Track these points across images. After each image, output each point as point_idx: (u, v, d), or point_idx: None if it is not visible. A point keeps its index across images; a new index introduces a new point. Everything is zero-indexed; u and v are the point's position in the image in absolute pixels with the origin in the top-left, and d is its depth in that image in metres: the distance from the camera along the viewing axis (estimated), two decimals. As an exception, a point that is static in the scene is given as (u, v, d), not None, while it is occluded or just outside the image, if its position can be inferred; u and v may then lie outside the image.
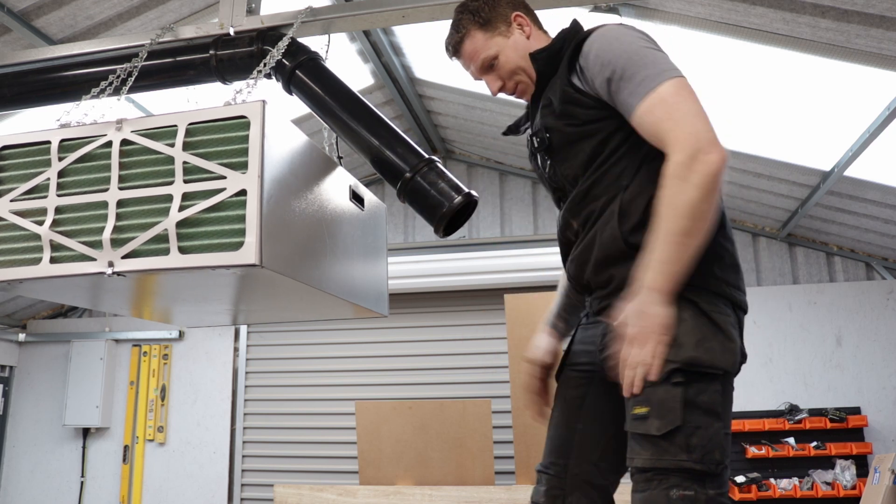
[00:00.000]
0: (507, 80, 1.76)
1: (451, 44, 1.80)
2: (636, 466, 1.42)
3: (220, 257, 1.49)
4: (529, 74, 1.73)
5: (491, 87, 1.78)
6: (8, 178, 1.72)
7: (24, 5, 3.24)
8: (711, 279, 1.54)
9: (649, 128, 1.50)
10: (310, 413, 5.86)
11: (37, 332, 6.47)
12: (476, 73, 1.79)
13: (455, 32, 1.78)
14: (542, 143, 1.67)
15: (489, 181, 6.05)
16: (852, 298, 5.19)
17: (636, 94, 1.50)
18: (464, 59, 1.79)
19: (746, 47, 3.29)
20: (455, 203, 1.94)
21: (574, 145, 1.62)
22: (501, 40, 1.73)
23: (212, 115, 1.59)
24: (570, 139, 1.61)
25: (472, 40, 1.75)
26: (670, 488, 1.36)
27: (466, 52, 1.77)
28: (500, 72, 1.75)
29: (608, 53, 1.54)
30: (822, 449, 4.85)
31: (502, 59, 1.73)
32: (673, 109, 1.48)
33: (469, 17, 1.76)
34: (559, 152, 1.65)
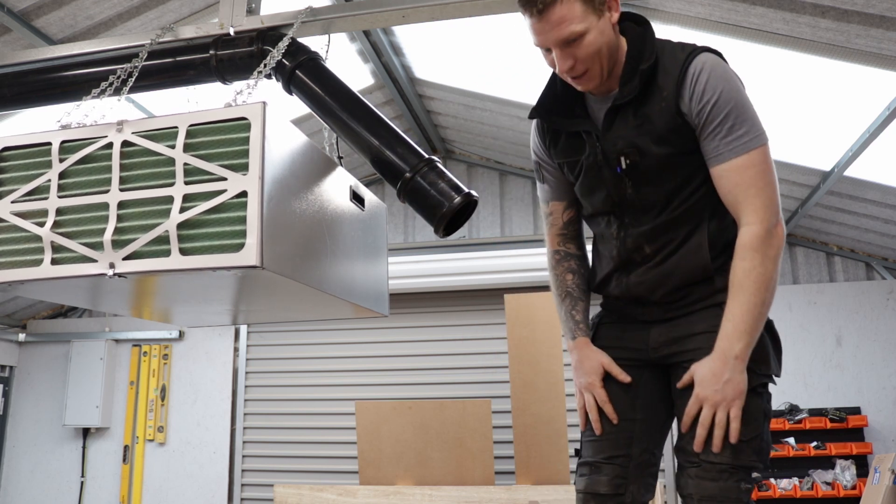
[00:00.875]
0: (581, 62, 1.58)
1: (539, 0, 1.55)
2: (712, 462, 1.56)
3: (220, 259, 1.49)
4: (603, 64, 1.60)
5: (561, 64, 1.59)
6: (9, 180, 1.72)
7: (24, 5, 3.24)
8: None
9: (732, 186, 1.56)
10: (310, 413, 5.86)
11: (37, 332, 6.47)
12: (552, 42, 1.57)
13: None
14: (632, 163, 1.64)
15: (489, 181, 6.05)
16: (852, 298, 5.19)
17: (733, 149, 1.54)
18: (546, 22, 1.54)
19: (746, 47, 3.29)
20: (455, 203, 1.94)
21: (664, 172, 1.63)
22: (594, 19, 1.56)
23: (212, 116, 1.59)
24: (664, 166, 1.62)
25: (569, 6, 1.53)
26: (740, 482, 1.56)
27: (555, 16, 1.53)
28: (580, 52, 1.57)
29: (722, 94, 1.54)
30: (822, 449, 4.85)
31: (588, 40, 1.56)
32: (760, 177, 1.54)
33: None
34: (646, 175, 1.65)
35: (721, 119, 1.54)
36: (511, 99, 4.68)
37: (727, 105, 1.53)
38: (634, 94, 1.61)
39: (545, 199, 1.91)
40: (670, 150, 1.60)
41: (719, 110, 1.53)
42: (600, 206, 1.75)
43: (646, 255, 1.70)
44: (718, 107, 1.53)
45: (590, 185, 1.74)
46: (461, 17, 2.22)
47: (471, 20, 2.47)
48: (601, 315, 1.90)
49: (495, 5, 2.14)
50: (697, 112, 1.56)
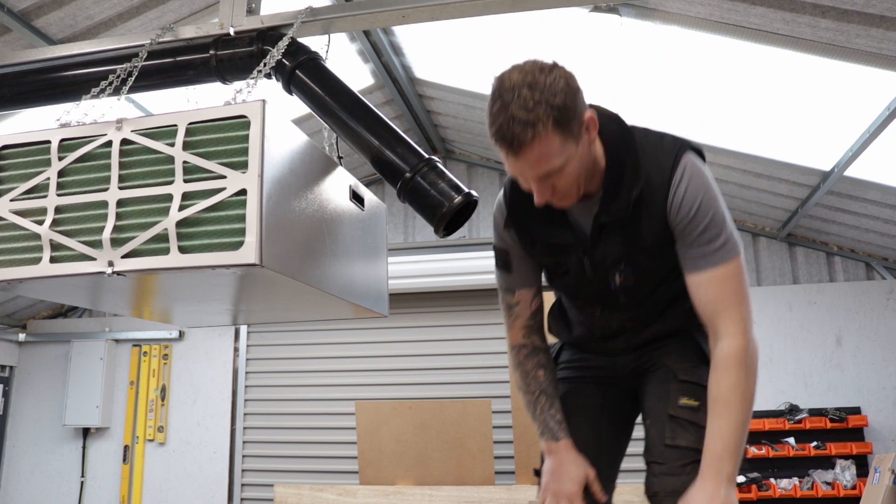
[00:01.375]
0: (560, 190, 1.47)
1: (515, 139, 1.37)
2: (681, 445, 1.59)
3: (220, 257, 1.49)
4: (581, 185, 1.50)
5: (539, 196, 1.47)
6: (8, 178, 1.72)
7: (24, 5, 3.24)
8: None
9: (711, 297, 1.54)
10: (310, 413, 5.86)
11: (37, 332, 6.47)
12: (530, 178, 1.45)
13: (524, 127, 1.36)
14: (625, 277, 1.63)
15: (489, 181, 6.05)
16: (852, 298, 5.19)
17: (711, 259, 1.53)
18: (523, 160, 1.40)
19: (746, 47, 3.29)
20: (455, 203, 1.94)
21: (655, 274, 1.65)
22: (573, 147, 1.42)
23: (212, 114, 1.59)
24: (655, 272, 1.64)
25: (547, 143, 1.37)
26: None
27: (533, 155, 1.38)
28: (560, 182, 1.45)
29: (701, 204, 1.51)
30: (822, 449, 4.85)
31: (568, 170, 1.43)
32: (738, 289, 1.54)
33: (549, 112, 1.36)
34: (638, 285, 1.65)
35: (701, 230, 1.52)
36: (511, 99, 4.67)
37: (706, 216, 1.51)
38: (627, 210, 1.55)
39: (509, 287, 1.79)
40: (661, 259, 1.61)
41: (699, 221, 1.51)
42: (583, 300, 1.75)
43: (627, 329, 1.74)
44: (698, 218, 1.51)
45: (575, 286, 1.72)
46: (461, 17, 2.22)
47: (471, 20, 2.47)
48: (560, 344, 1.92)
49: (495, 5, 2.14)
50: (678, 222, 1.54)
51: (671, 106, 4.10)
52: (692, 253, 1.54)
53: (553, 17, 3.51)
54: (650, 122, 1.67)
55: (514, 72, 1.41)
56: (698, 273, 1.54)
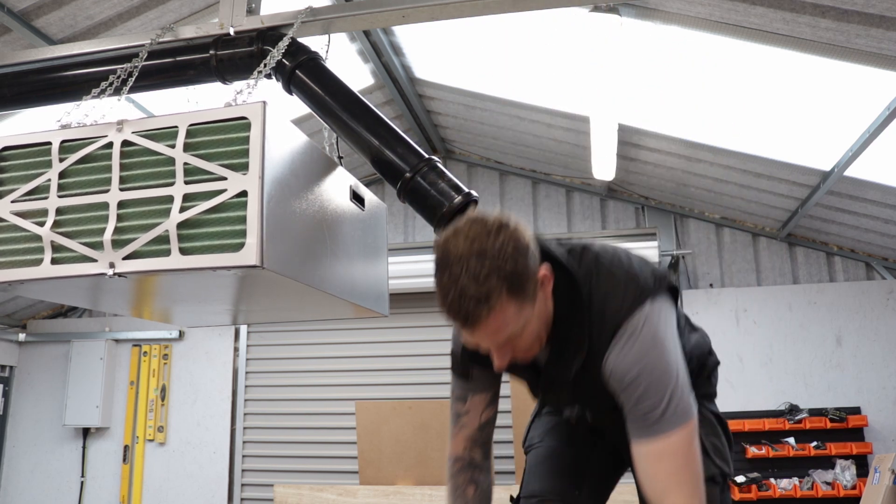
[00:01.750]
0: (520, 351, 1.42)
1: (469, 316, 1.30)
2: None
3: (221, 258, 1.49)
4: (541, 339, 1.45)
5: (498, 362, 1.40)
6: (9, 179, 1.72)
7: (24, 5, 3.24)
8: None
9: (648, 474, 1.40)
10: (310, 413, 5.86)
11: (37, 332, 6.47)
12: (490, 347, 1.38)
13: (478, 302, 1.28)
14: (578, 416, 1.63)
15: (489, 181, 6.05)
16: (852, 298, 5.19)
17: (647, 430, 1.39)
18: (479, 333, 1.33)
19: (746, 47, 3.29)
20: (455, 203, 1.94)
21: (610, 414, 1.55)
22: (530, 309, 1.35)
23: (212, 116, 1.58)
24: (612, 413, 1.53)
25: (503, 314, 1.30)
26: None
27: (490, 327, 1.32)
28: (518, 344, 1.39)
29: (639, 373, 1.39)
30: (822, 449, 4.85)
31: (527, 333, 1.38)
32: (678, 469, 1.38)
33: (500, 281, 1.28)
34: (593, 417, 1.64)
35: (635, 399, 1.39)
36: (511, 99, 4.68)
37: (640, 385, 1.38)
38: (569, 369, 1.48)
39: (463, 395, 1.69)
40: (614, 404, 1.48)
41: (633, 390, 1.39)
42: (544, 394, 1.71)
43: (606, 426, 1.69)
44: (632, 387, 1.39)
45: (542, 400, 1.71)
46: (461, 17, 2.22)
47: (471, 20, 2.47)
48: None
49: (495, 5, 2.14)
50: (613, 388, 1.44)
51: (671, 106, 4.11)
52: (630, 420, 1.42)
53: (553, 17, 3.51)
54: (650, 123, 1.62)
55: (459, 238, 1.32)
56: (636, 443, 1.41)
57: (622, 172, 5.27)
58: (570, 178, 5.83)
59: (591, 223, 5.84)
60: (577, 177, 5.75)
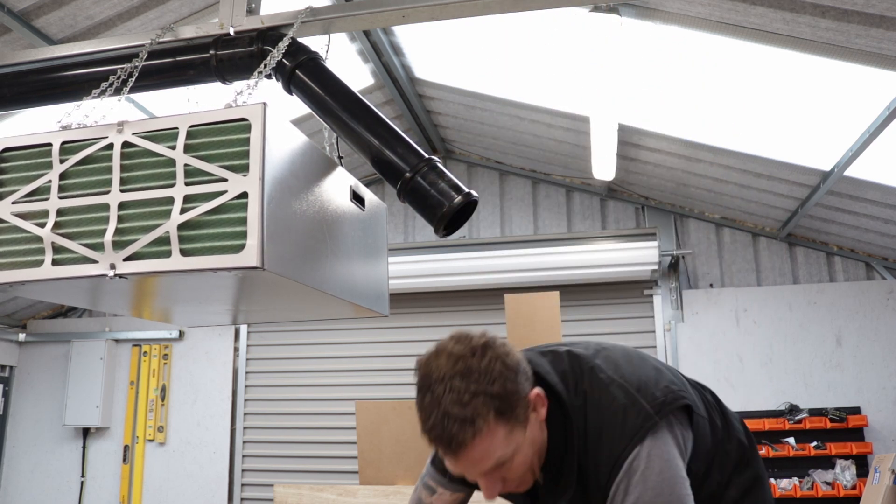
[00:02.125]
0: (512, 481, 1.31)
1: (453, 440, 1.21)
2: None
3: (221, 259, 1.48)
4: (535, 468, 1.34)
5: (487, 494, 1.29)
6: (9, 181, 1.72)
7: (24, 5, 3.24)
8: None
9: None
10: (310, 413, 5.86)
11: (37, 332, 6.47)
12: (474, 476, 1.28)
13: (462, 425, 1.19)
14: None
15: (489, 181, 6.05)
16: (852, 298, 5.19)
17: None
18: (464, 460, 1.24)
19: (746, 47, 3.29)
20: (455, 203, 1.94)
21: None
22: (521, 434, 1.26)
23: (213, 117, 1.58)
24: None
25: (491, 439, 1.21)
26: None
27: (475, 453, 1.22)
28: (510, 473, 1.28)
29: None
30: (822, 449, 4.85)
31: (518, 460, 1.27)
32: None
33: (489, 403, 1.21)
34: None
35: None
36: (511, 99, 4.68)
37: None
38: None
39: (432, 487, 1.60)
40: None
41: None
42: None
43: None
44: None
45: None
46: (461, 17, 2.21)
47: (471, 20, 2.47)
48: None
49: (495, 5, 2.14)
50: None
51: (671, 106, 4.11)
52: None
53: (553, 17, 3.51)
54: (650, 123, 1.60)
55: (442, 358, 1.24)
56: None
57: (622, 172, 5.27)
58: (570, 178, 5.83)
59: (591, 223, 5.84)
60: (577, 177, 5.76)
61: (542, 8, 2.20)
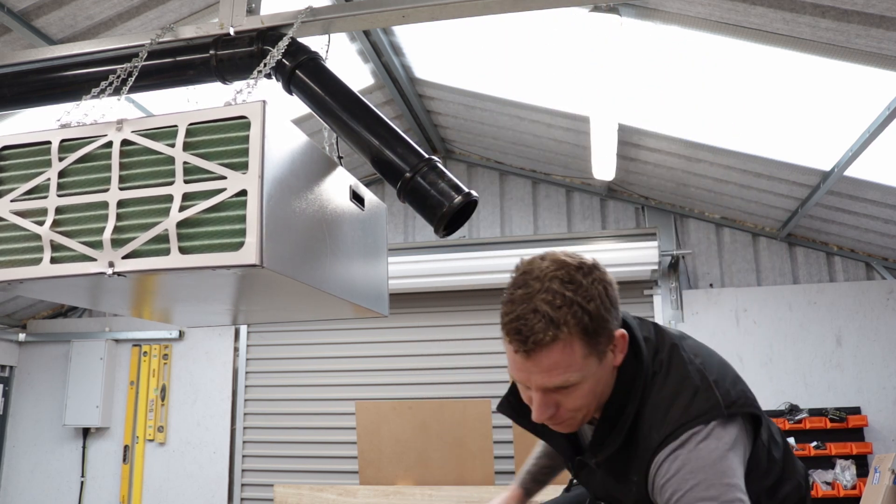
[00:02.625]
0: (565, 411, 1.27)
1: (531, 336, 1.17)
2: None
3: (220, 257, 1.48)
4: (588, 413, 1.30)
5: (538, 411, 1.26)
6: (8, 179, 1.72)
7: (24, 5, 3.24)
8: None
9: None
10: (310, 413, 5.86)
11: (37, 332, 6.47)
12: (536, 386, 1.24)
13: (547, 325, 1.17)
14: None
15: (489, 181, 6.05)
16: (852, 298, 5.19)
17: None
18: (534, 363, 1.20)
19: (746, 47, 3.29)
20: (455, 203, 1.94)
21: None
22: (595, 364, 1.22)
23: (212, 115, 1.58)
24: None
25: (569, 352, 1.18)
26: None
27: (549, 360, 1.19)
28: (567, 401, 1.25)
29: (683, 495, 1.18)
30: (822, 449, 4.85)
31: (580, 390, 1.24)
32: None
33: (579, 316, 1.18)
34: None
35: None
36: (511, 99, 4.68)
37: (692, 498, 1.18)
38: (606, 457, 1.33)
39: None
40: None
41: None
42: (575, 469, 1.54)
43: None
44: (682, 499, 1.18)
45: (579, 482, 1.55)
46: (461, 17, 2.22)
47: (471, 20, 2.47)
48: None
49: (495, 5, 2.14)
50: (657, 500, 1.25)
51: (671, 106, 4.11)
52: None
53: (553, 17, 3.51)
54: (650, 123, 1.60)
55: (547, 261, 1.23)
56: None
57: (622, 172, 5.27)
58: (570, 178, 5.83)
59: (591, 223, 5.84)
60: (577, 177, 5.76)
61: (542, 8, 2.20)
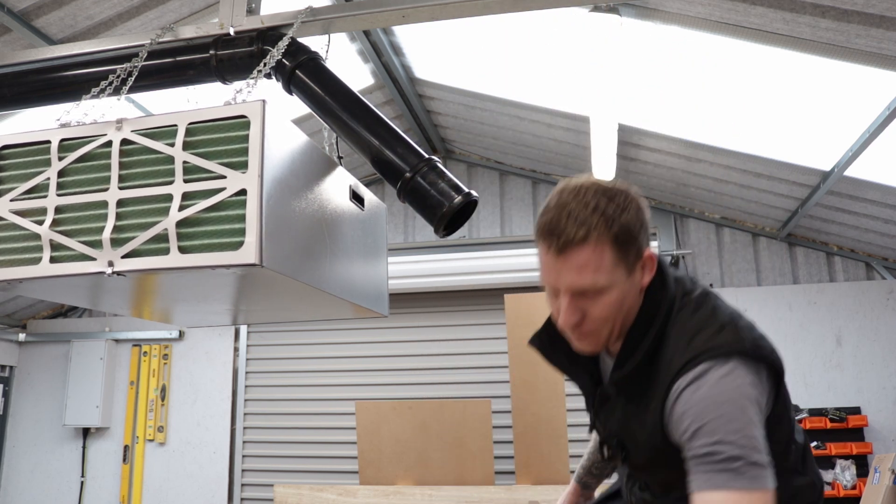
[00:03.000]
0: (591, 321, 1.30)
1: (563, 234, 1.23)
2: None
3: (220, 257, 1.48)
4: (614, 330, 1.33)
5: (565, 316, 1.28)
6: (8, 178, 1.72)
7: (24, 5, 3.24)
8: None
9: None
10: (310, 413, 5.86)
11: (37, 332, 6.47)
12: (565, 286, 1.27)
13: (580, 225, 1.22)
14: (612, 455, 1.45)
15: (489, 181, 6.05)
16: (852, 298, 5.19)
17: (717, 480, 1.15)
18: (565, 261, 1.24)
19: (746, 47, 3.29)
20: (455, 203, 1.94)
21: (655, 466, 1.39)
22: (623, 276, 1.26)
23: (212, 114, 1.58)
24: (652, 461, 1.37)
25: (599, 253, 1.23)
26: None
27: (579, 259, 1.23)
28: (593, 309, 1.28)
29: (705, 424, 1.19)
30: (822, 449, 4.85)
31: (607, 299, 1.27)
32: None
33: (611, 223, 1.23)
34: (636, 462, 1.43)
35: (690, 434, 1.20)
36: (511, 99, 4.68)
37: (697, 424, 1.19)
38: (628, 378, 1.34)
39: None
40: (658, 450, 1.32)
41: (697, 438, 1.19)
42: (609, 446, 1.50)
43: (651, 494, 1.46)
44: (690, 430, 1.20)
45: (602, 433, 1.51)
46: (461, 17, 2.22)
47: (471, 20, 2.47)
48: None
49: (495, 5, 2.14)
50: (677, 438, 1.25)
51: (671, 106, 4.10)
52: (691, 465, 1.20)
53: (553, 17, 3.51)
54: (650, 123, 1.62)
55: (583, 178, 1.30)
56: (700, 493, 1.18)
57: (622, 172, 5.27)
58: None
59: (591, 223, 5.84)
60: (577, 177, 5.75)
61: (542, 8, 2.20)
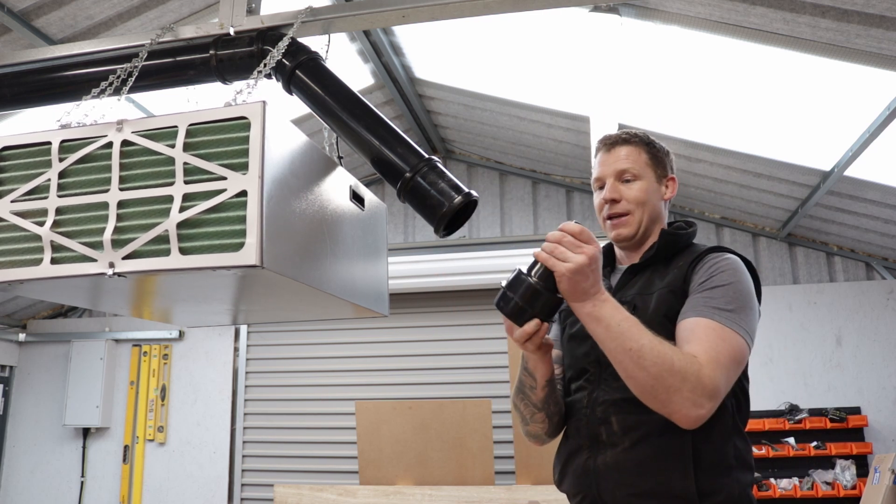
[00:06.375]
0: (626, 201, 1.70)
1: (611, 139, 1.76)
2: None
3: (220, 258, 1.48)
4: (643, 219, 1.70)
5: (608, 192, 1.72)
6: (8, 179, 1.72)
7: (24, 5, 3.24)
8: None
9: (687, 330, 1.48)
10: (310, 413, 5.86)
11: (37, 332, 6.47)
12: (610, 172, 1.73)
13: (624, 137, 1.75)
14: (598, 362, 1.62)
15: (489, 181, 6.05)
16: (852, 298, 5.19)
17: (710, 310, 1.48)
18: (611, 154, 1.75)
19: (746, 47, 3.29)
20: (455, 203, 1.94)
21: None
22: (652, 176, 1.73)
23: (212, 115, 1.58)
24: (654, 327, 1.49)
25: (636, 152, 1.73)
26: None
27: (622, 151, 1.73)
28: (628, 192, 1.70)
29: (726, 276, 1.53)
30: (822, 449, 4.85)
31: (639, 185, 1.70)
32: (721, 352, 1.42)
33: (647, 142, 1.76)
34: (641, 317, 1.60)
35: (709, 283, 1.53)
36: (511, 99, 4.68)
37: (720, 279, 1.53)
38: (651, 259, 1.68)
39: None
40: (664, 312, 1.56)
41: (710, 276, 1.54)
42: (580, 362, 1.68)
43: (613, 432, 1.55)
44: (713, 279, 1.53)
45: (579, 336, 1.68)
46: (461, 17, 2.22)
47: (471, 20, 2.47)
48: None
49: (495, 5, 2.14)
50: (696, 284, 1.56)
51: (671, 106, 4.11)
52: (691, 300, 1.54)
53: (553, 17, 3.51)
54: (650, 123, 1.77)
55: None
56: (689, 317, 1.50)
57: (622, 172, 5.27)
58: (570, 178, 5.83)
59: (592, 223, 5.84)
60: (577, 177, 5.76)
61: (542, 8, 2.20)
